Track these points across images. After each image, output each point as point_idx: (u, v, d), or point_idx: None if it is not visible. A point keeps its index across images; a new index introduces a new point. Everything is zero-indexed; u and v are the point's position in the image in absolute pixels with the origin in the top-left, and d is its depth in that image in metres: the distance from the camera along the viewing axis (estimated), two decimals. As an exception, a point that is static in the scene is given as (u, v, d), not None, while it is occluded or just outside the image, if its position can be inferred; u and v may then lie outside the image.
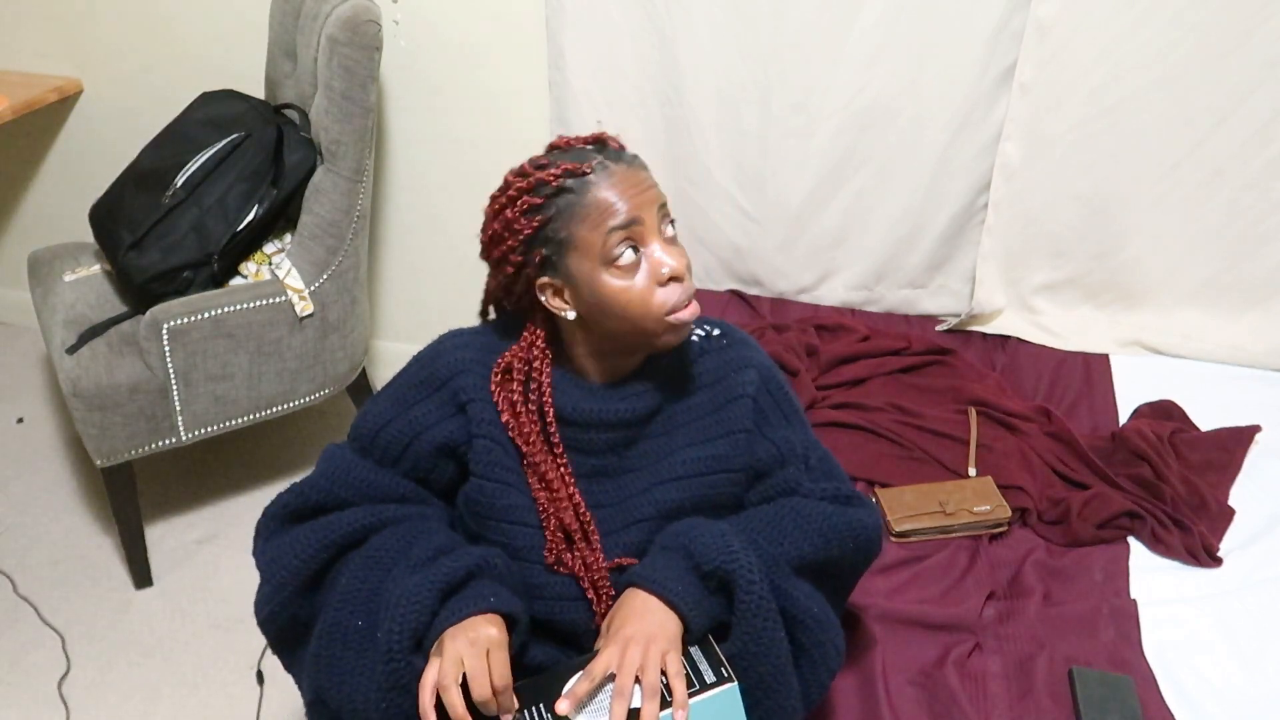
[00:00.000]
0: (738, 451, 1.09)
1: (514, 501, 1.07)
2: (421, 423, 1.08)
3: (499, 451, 1.07)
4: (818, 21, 1.91)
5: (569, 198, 0.99)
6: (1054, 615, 1.40)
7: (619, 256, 0.98)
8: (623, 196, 0.98)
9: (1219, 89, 1.83)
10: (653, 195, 1.01)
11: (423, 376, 1.10)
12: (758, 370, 1.12)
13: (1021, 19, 1.84)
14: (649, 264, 1.00)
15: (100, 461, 1.88)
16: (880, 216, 2.09)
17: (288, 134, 1.96)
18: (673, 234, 1.03)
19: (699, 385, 1.11)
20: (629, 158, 1.03)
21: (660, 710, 0.91)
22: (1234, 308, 2.02)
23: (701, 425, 1.10)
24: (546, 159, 1.02)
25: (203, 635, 1.94)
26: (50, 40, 2.40)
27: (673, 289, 1.00)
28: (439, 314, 2.52)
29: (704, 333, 1.14)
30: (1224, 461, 1.69)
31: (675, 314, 1.00)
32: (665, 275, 0.99)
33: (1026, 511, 1.60)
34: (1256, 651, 1.35)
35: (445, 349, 1.11)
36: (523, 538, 1.07)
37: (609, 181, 0.99)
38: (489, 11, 2.10)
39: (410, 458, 1.10)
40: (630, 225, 0.98)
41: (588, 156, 1.00)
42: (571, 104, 2.11)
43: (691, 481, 1.08)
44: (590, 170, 0.99)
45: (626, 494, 1.09)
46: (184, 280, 1.90)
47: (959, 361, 1.94)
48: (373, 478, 1.10)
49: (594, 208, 0.98)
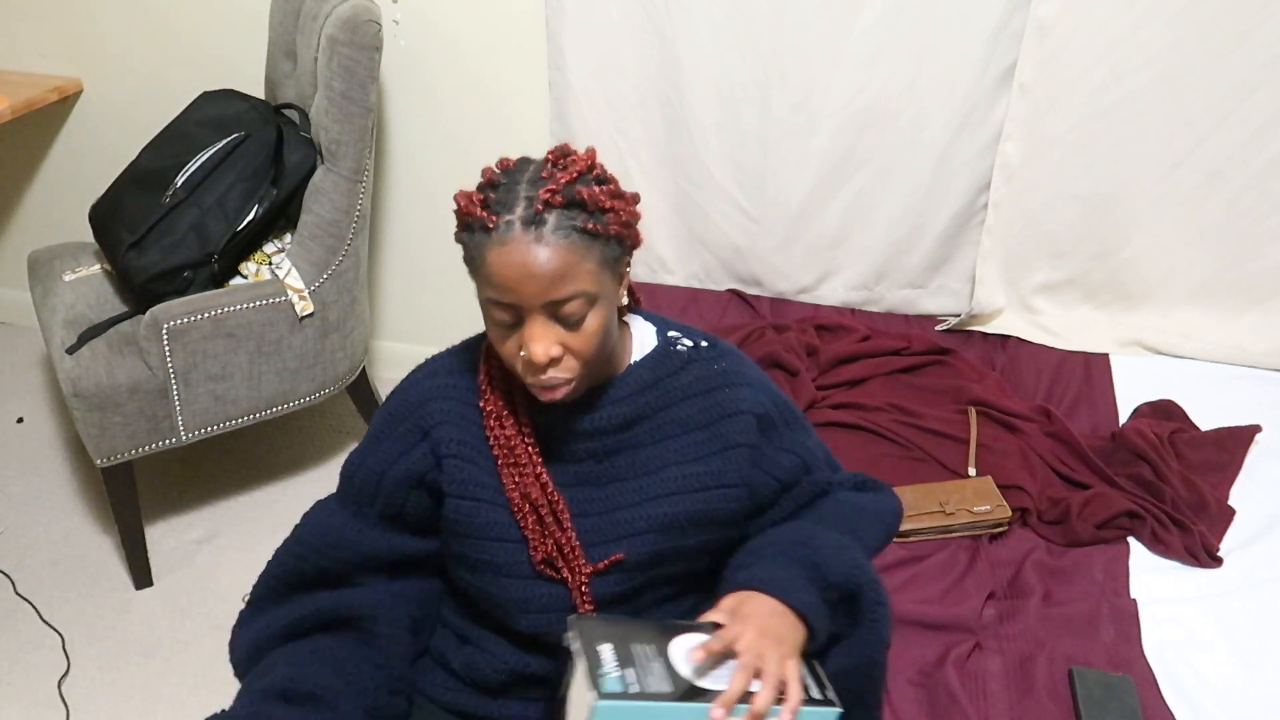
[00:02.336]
0: (735, 467, 1.06)
1: (493, 518, 1.04)
2: (388, 457, 1.06)
3: (472, 469, 1.04)
4: (818, 21, 1.91)
5: (475, 238, 0.93)
6: (1054, 615, 1.40)
7: (493, 317, 0.95)
8: (503, 275, 0.90)
9: (1219, 89, 1.83)
10: (541, 291, 0.90)
11: (391, 410, 1.08)
12: (758, 387, 1.09)
13: (1021, 19, 1.84)
14: (520, 335, 0.94)
15: (100, 461, 1.88)
16: (880, 216, 2.09)
17: (288, 134, 1.96)
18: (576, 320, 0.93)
19: (686, 395, 1.07)
20: (549, 229, 0.90)
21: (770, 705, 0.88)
22: (1234, 308, 2.02)
23: (695, 439, 1.06)
24: (502, 176, 0.94)
25: (203, 635, 1.94)
26: (50, 40, 2.40)
27: (530, 371, 0.95)
28: (439, 314, 2.52)
29: (692, 343, 1.10)
30: (1224, 461, 1.69)
31: (534, 390, 0.97)
32: (524, 358, 0.94)
33: (1026, 511, 1.60)
34: (1256, 651, 1.35)
35: (415, 379, 1.09)
36: (505, 553, 1.05)
37: (500, 250, 0.90)
38: (489, 11, 2.10)
39: (383, 495, 1.07)
40: (507, 306, 0.93)
41: (509, 204, 0.90)
42: (571, 104, 2.11)
43: (688, 497, 1.05)
44: (492, 227, 0.90)
45: (615, 505, 1.06)
46: (184, 280, 1.90)
47: (959, 361, 1.94)
48: (348, 537, 1.08)
49: (481, 266, 0.92)
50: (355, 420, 2.38)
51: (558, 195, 0.90)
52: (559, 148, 0.97)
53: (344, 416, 2.48)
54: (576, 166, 0.93)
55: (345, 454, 2.39)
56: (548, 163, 0.94)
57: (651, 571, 1.08)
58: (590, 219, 0.91)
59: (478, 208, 0.92)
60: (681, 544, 1.07)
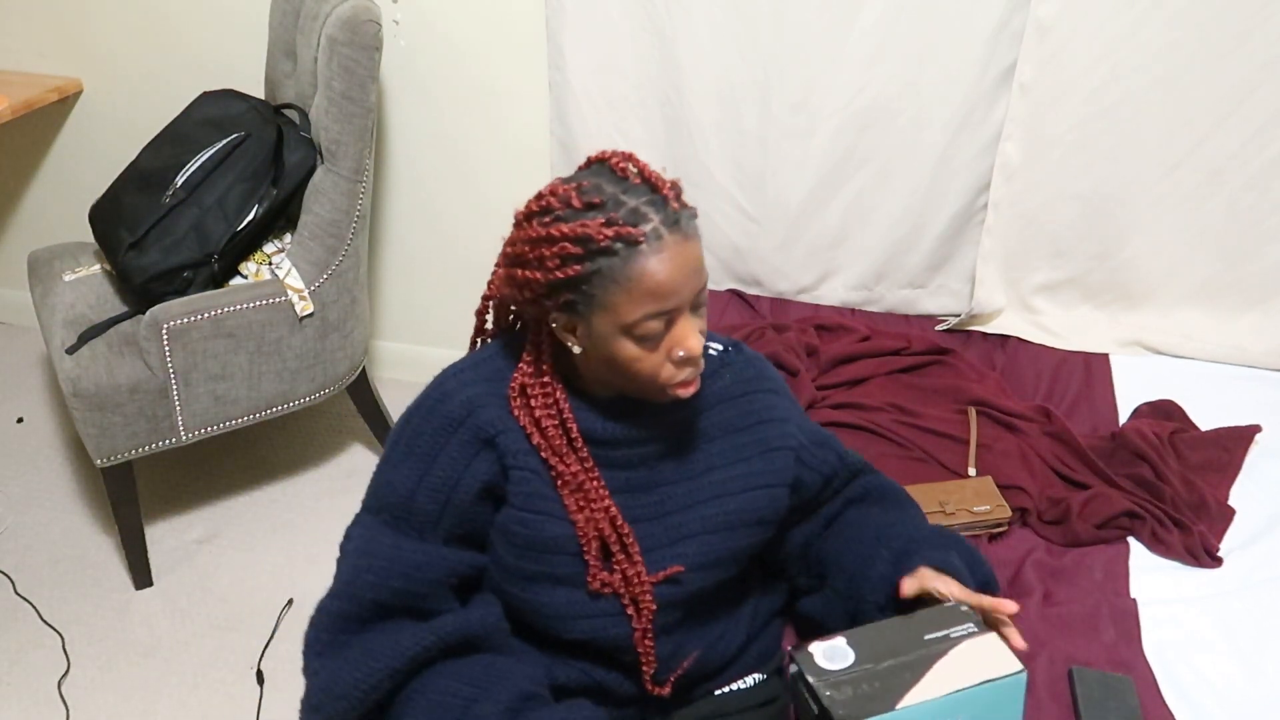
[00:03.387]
0: (778, 468, 1.11)
1: (556, 532, 1.03)
2: (453, 472, 1.02)
3: (536, 481, 1.02)
4: (818, 21, 1.91)
5: (613, 261, 0.91)
6: (1054, 615, 1.39)
7: (645, 331, 0.94)
8: (671, 279, 0.92)
9: (1219, 89, 1.83)
10: (700, 278, 0.95)
11: (436, 424, 1.03)
12: (787, 396, 1.16)
13: (1021, 19, 1.84)
14: (670, 339, 0.96)
15: (100, 461, 1.88)
16: (880, 216, 2.09)
17: (288, 134, 1.96)
18: (704, 304, 0.98)
19: (722, 399, 1.10)
20: (685, 221, 0.94)
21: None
22: (1234, 308, 2.02)
23: (737, 441, 1.10)
24: (599, 196, 0.93)
25: (203, 635, 1.94)
26: (50, 40, 2.40)
27: (684, 368, 0.98)
28: (439, 314, 2.52)
29: (721, 347, 1.13)
30: (1224, 461, 1.69)
31: (678, 389, 0.99)
32: (681, 358, 0.97)
33: (1026, 511, 1.60)
34: (1256, 651, 1.35)
35: (450, 390, 1.04)
36: (565, 565, 1.04)
37: (660, 258, 0.91)
38: (489, 11, 2.10)
39: (452, 514, 1.03)
40: (665, 313, 0.94)
41: (641, 214, 0.92)
42: (571, 104, 2.11)
43: (737, 498, 1.08)
44: (643, 239, 0.91)
45: (666, 509, 1.07)
46: (184, 280, 1.90)
47: (959, 361, 1.94)
48: (423, 558, 1.02)
49: (637, 283, 0.92)
50: (355, 420, 2.38)
51: (672, 190, 0.94)
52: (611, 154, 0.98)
53: (344, 416, 2.48)
54: (642, 164, 0.96)
55: (345, 454, 2.41)
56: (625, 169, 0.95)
57: (709, 576, 1.09)
58: (688, 205, 0.96)
59: (612, 228, 0.91)
60: (735, 545, 1.10)
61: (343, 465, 2.38)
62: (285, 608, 1.99)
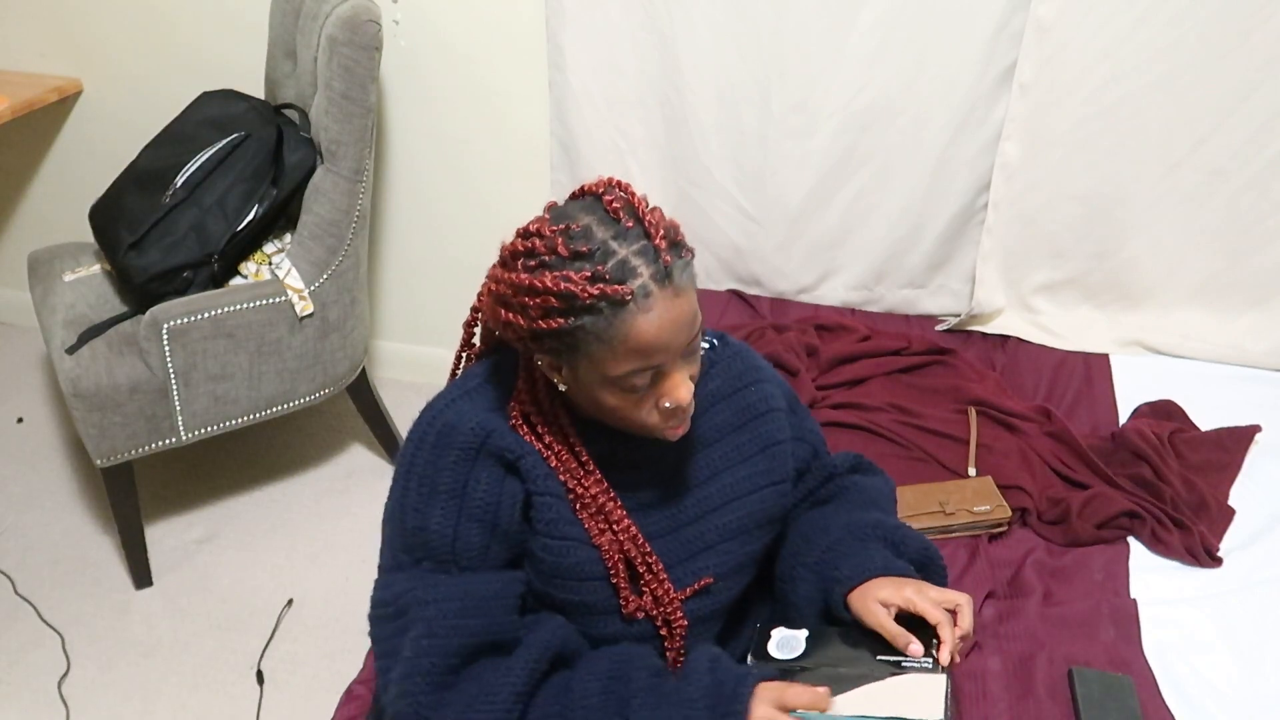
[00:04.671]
0: (780, 464, 1.10)
1: (580, 557, 1.00)
2: (490, 498, 0.96)
3: (559, 506, 0.99)
4: (818, 21, 1.91)
5: (597, 320, 0.86)
6: (1054, 615, 1.40)
7: (631, 385, 0.91)
8: (659, 338, 0.87)
9: (1219, 89, 1.83)
10: (691, 330, 0.90)
11: (454, 456, 0.96)
12: (773, 380, 1.13)
13: (1021, 19, 1.84)
14: (657, 390, 0.93)
15: (100, 461, 1.88)
16: (880, 216, 2.09)
17: (288, 134, 1.96)
18: (697, 350, 0.94)
19: (715, 400, 1.09)
20: (679, 273, 0.88)
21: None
22: (1234, 308, 2.02)
23: (736, 442, 1.08)
24: (587, 244, 0.86)
25: (203, 635, 1.94)
26: (50, 40, 2.40)
27: (669, 418, 0.95)
28: (439, 314, 2.52)
29: (709, 344, 1.11)
30: (1224, 461, 1.69)
31: (666, 433, 0.97)
32: (667, 409, 0.94)
33: (1026, 511, 1.60)
34: (1256, 651, 1.35)
35: (453, 420, 0.98)
36: (592, 593, 1.02)
37: (648, 317, 0.86)
38: (489, 11, 2.10)
39: (500, 540, 0.98)
40: (652, 368, 0.90)
41: (629, 269, 0.85)
42: (571, 104, 2.11)
43: (747, 500, 1.07)
44: (630, 298, 0.85)
45: (679, 523, 1.06)
46: (184, 280, 1.90)
47: (959, 361, 1.94)
48: (493, 589, 0.97)
49: (623, 342, 0.87)
50: (355, 420, 2.38)
51: (665, 240, 0.87)
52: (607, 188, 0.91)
53: (344, 416, 2.48)
54: (638, 204, 0.90)
55: (345, 454, 2.41)
56: (617, 211, 0.88)
57: (735, 583, 1.09)
58: (686, 250, 0.90)
59: (597, 285, 0.85)
60: (753, 549, 1.09)
61: (343, 465, 2.38)
62: (285, 608, 1.99)
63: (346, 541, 2.15)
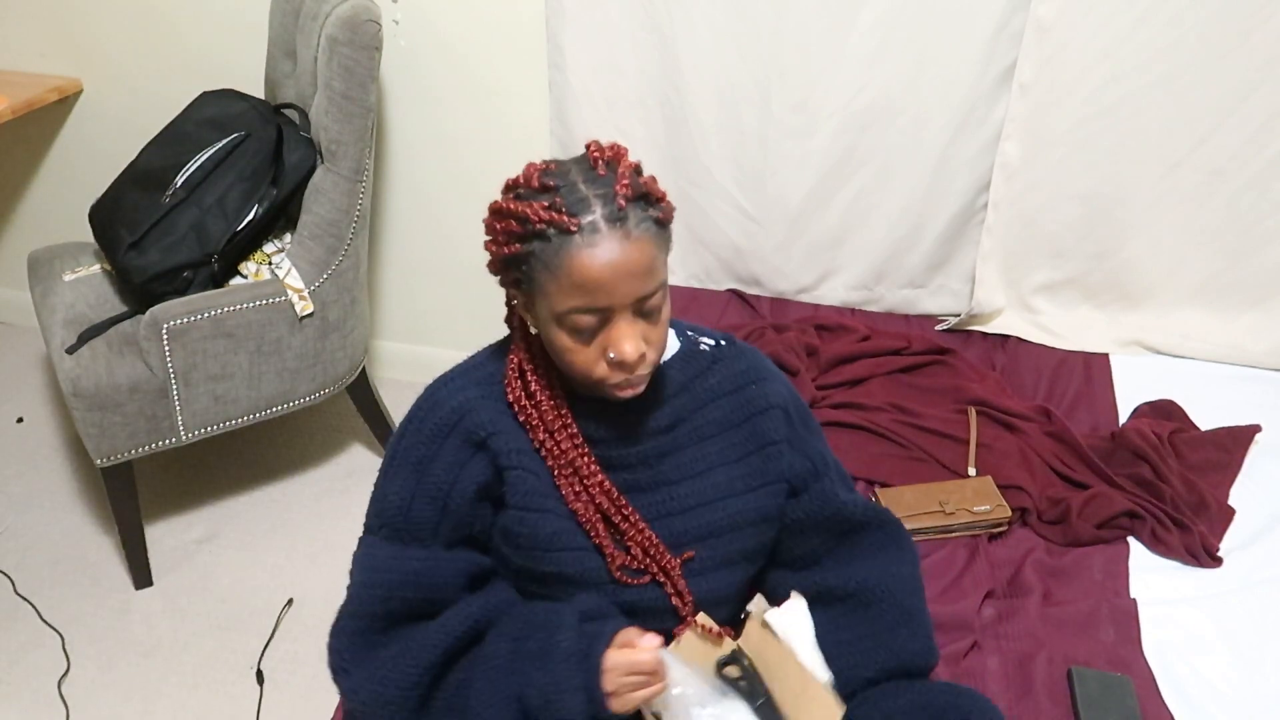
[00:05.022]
0: (775, 464, 1.09)
1: (558, 527, 1.02)
2: (448, 477, 1.01)
3: (532, 479, 1.01)
4: (818, 21, 1.91)
5: (546, 246, 0.89)
6: (1053, 615, 1.40)
7: (576, 324, 0.92)
8: (599, 275, 0.88)
9: (1219, 89, 1.83)
10: (643, 283, 0.91)
11: (428, 432, 1.02)
12: (779, 381, 1.12)
13: (1021, 19, 1.84)
14: (604, 336, 0.93)
15: (100, 461, 1.88)
16: (880, 216, 2.09)
17: (288, 134, 1.96)
18: (656, 312, 0.94)
19: (716, 395, 1.09)
20: (635, 222, 0.90)
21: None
22: (1234, 308, 2.02)
23: (732, 439, 1.08)
24: (553, 179, 0.91)
25: (203, 635, 1.94)
26: (50, 40, 2.40)
27: (618, 371, 0.95)
28: (439, 314, 2.52)
29: (713, 342, 1.12)
30: (1224, 461, 1.69)
31: (614, 390, 0.97)
32: (612, 359, 0.94)
33: (1026, 511, 1.60)
34: (1256, 651, 1.35)
35: (440, 398, 1.03)
36: (574, 562, 1.03)
37: (591, 251, 0.88)
38: (489, 11, 2.10)
39: (450, 519, 1.02)
40: (596, 310, 0.91)
41: (585, 204, 0.89)
42: (571, 104, 2.11)
43: (739, 499, 1.07)
44: (576, 229, 0.88)
45: (666, 510, 1.06)
46: (184, 280, 1.90)
47: (959, 361, 1.94)
48: (426, 564, 1.01)
49: (565, 273, 0.89)
50: (355, 420, 2.38)
51: (630, 189, 0.90)
52: (596, 145, 0.95)
53: (344, 416, 2.48)
54: (626, 161, 0.94)
55: (345, 454, 2.41)
56: (597, 160, 0.93)
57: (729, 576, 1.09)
58: (658, 209, 0.92)
59: (550, 212, 0.88)
60: (745, 546, 1.09)
61: (343, 465, 2.38)
62: (285, 607, 1.99)
63: (346, 541, 2.12)
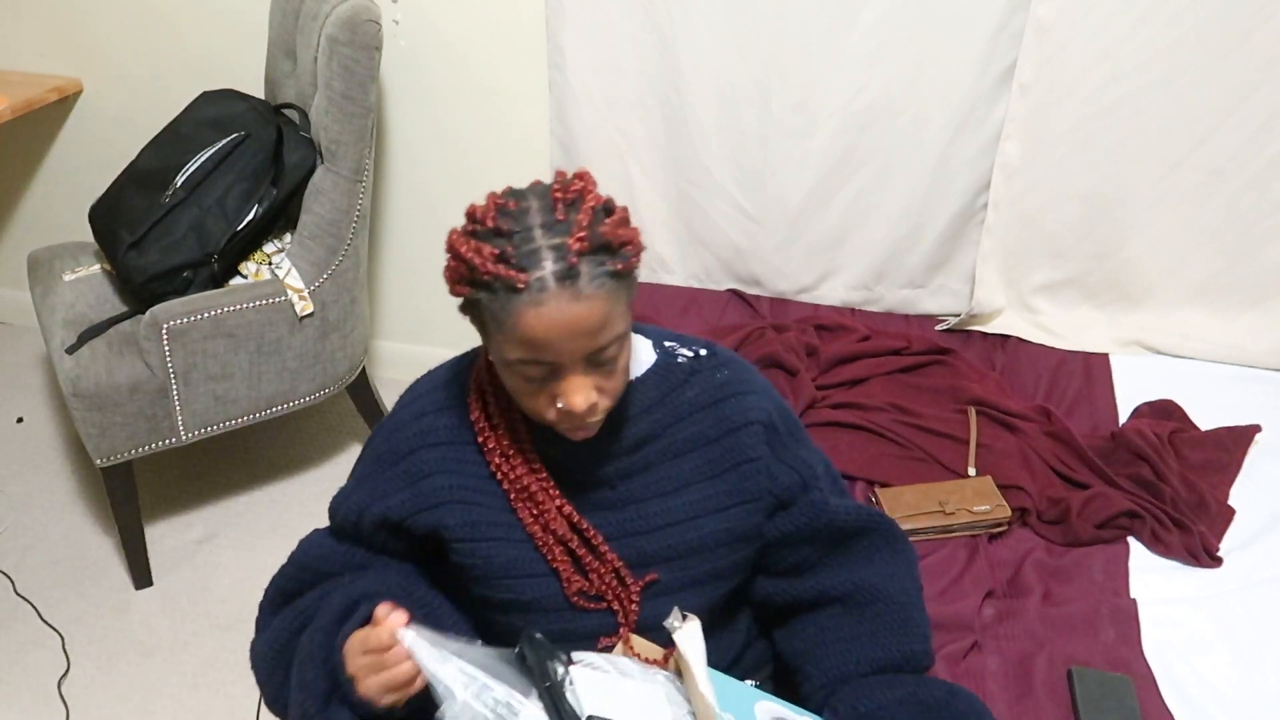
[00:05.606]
0: (753, 482, 1.04)
1: (514, 554, 1.00)
2: (369, 497, 1.03)
3: (480, 510, 1.00)
4: (818, 21, 1.91)
5: (492, 298, 0.86)
6: (1053, 615, 1.39)
7: (524, 373, 0.90)
8: (544, 336, 0.85)
9: (1219, 89, 1.83)
10: (583, 345, 0.87)
11: (381, 451, 1.04)
12: (762, 393, 1.07)
13: (1021, 19, 1.84)
14: (555, 386, 0.90)
15: (100, 461, 1.88)
16: (880, 216, 2.09)
17: (288, 134, 1.96)
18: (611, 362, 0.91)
19: (693, 409, 1.04)
20: (585, 281, 0.84)
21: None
22: (1234, 308, 2.02)
23: (708, 455, 1.03)
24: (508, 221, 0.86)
25: (203, 635, 1.94)
26: (50, 40, 2.40)
27: (564, 419, 0.92)
28: (439, 314, 2.52)
29: (691, 353, 1.07)
30: (1224, 461, 1.69)
31: (567, 433, 0.95)
32: (562, 410, 0.91)
33: (1026, 511, 1.60)
34: (1256, 651, 1.35)
35: (403, 420, 1.04)
36: (534, 588, 1.01)
37: (537, 311, 0.84)
38: (489, 11, 2.10)
39: (364, 534, 1.05)
40: (544, 364, 0.88)
41: (535, 259, 0.84)
42: (571, 104, 2.11)
43: (713, 518, 1.03)
44: (523, 287, 0.84)
45: (637, 529, 1.03)
46: (184, 280, 1.90)
47: (959, 361, 1.94)
48: (326, 551, 1.07)
49: (510, 328, 0.86)
50: (355, 420, 2.38)
51: (586, 242, 0.84)
52: (560, 180, 0.90)
53: (344, 416, 2.48)
54: (588, 202, 0.88)
55: (345, 454, 2.42)
56: (557, 202, 0.87)
57: (696, 596, 1.05)
58: (618, 259, 0.87)
59: (498, 265, 0.84)
60: (717, 565, 1.05)
61: (342, 465, 2.38)
62: (285, 608, 1.99)
63: (346, 541, 2.15)
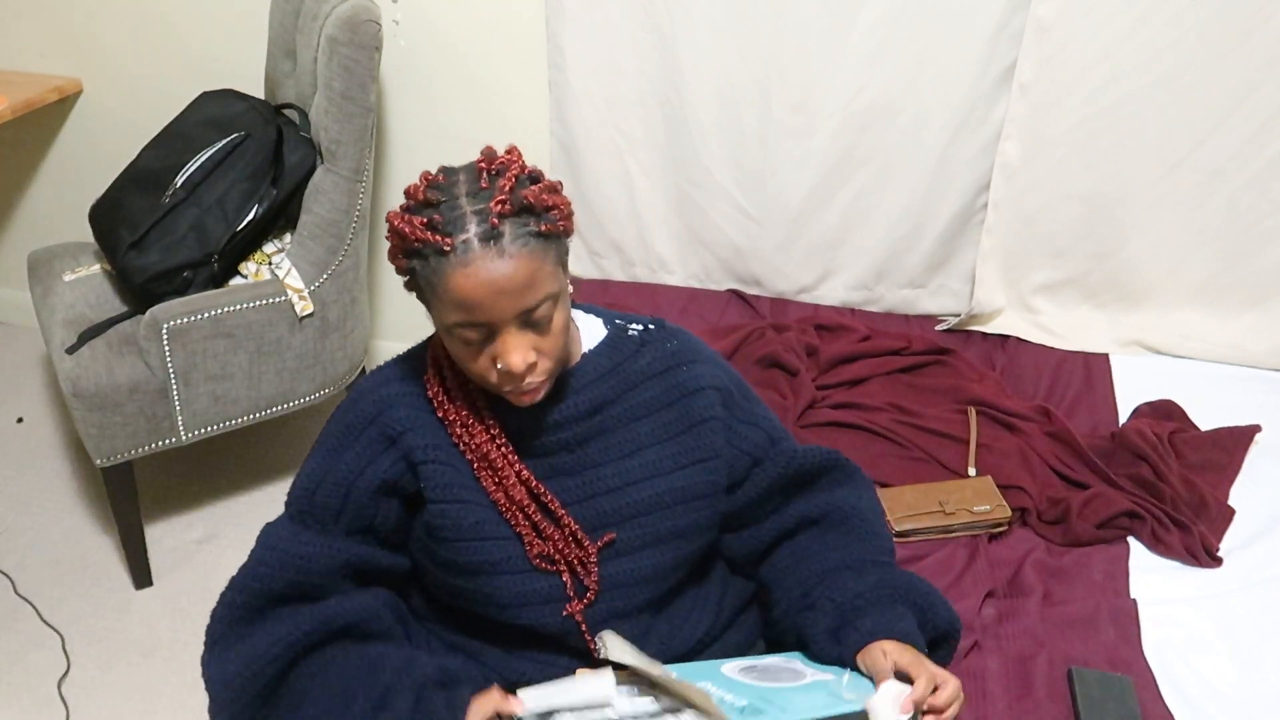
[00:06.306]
0: (708, 441, 1.10)
1: (479, 517, 1.03)
2: (354, 467, 1.04)
3: (450, 472, 1.03)
4: (818, 21, 1.91)
5: (425, 264, 0.91)
6: (1053, 615, 1.40)
7: (462, 337, 0.94)
8: (474, 295, 0.89)
9: (1219, 89, 1.83)
10: (513, 304, 0.91)
11: (347, 422, 1.06)
12: (712, 362, 1.14)
13: (1021, 19, 1.84)
14: (493, 348, 0.94)
15: (100, 461, 1.88)
16: (880, 216, 2.09)
17: (288, 134, 1.96)
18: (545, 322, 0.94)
19: (646, 376, 1.10)
20: (508, 240, 0.89)
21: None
22: (1234, 308, 2.02)
23: (663, 418, 1.09)
24: (436, 193, 0.92)
25: (202, 635, 1.93)
26: (50, 40, 2.40)
27: (506, 380, 0.96)
28: (439, 314, 2.52)
29: (642, 327, 1.13)
30: (1224, 461, 1.69)
31: (512, 397, 0.98)
32: (502, 371, 0.94)
33: (1026, 511, 1.60)
34: (1256, 651, 1.35)
35: (365, 390, 1.07)
36: (498, 550, 1.04)
37: (465, 272, 0.89)
38: (489, 11, 2.10)
39: (351, 508, 1.05)
40: (478, 325, 0.92)
41: (460, 224, 0.89)
42: (571, 104, 2.11)
43: (669, 476, 1.08)
44: (450, 249, 0.89)
45: (595, 490, 1.07)
46: (184, 280, 1.90)
47: (959, 361, 1.94)
48: (314, 550, 1.04)
49: (443, 292, 0.90)
50: (355, 420, 2.38)
51: (508, 205, 0.90)
52: (486, 153, 0.96)
53: (344, 416, 2.48)
54: (512, 170, 0.93)
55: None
56: (481, 172, 0.93)
57: (656, 556, 1.09)
58: (541, 221, 0.92)
59: (426, 232, 0.89)
60: (677, 523, 1.09)
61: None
62: (285, 608, 1.99)
63: (346, 541, 2.15)
